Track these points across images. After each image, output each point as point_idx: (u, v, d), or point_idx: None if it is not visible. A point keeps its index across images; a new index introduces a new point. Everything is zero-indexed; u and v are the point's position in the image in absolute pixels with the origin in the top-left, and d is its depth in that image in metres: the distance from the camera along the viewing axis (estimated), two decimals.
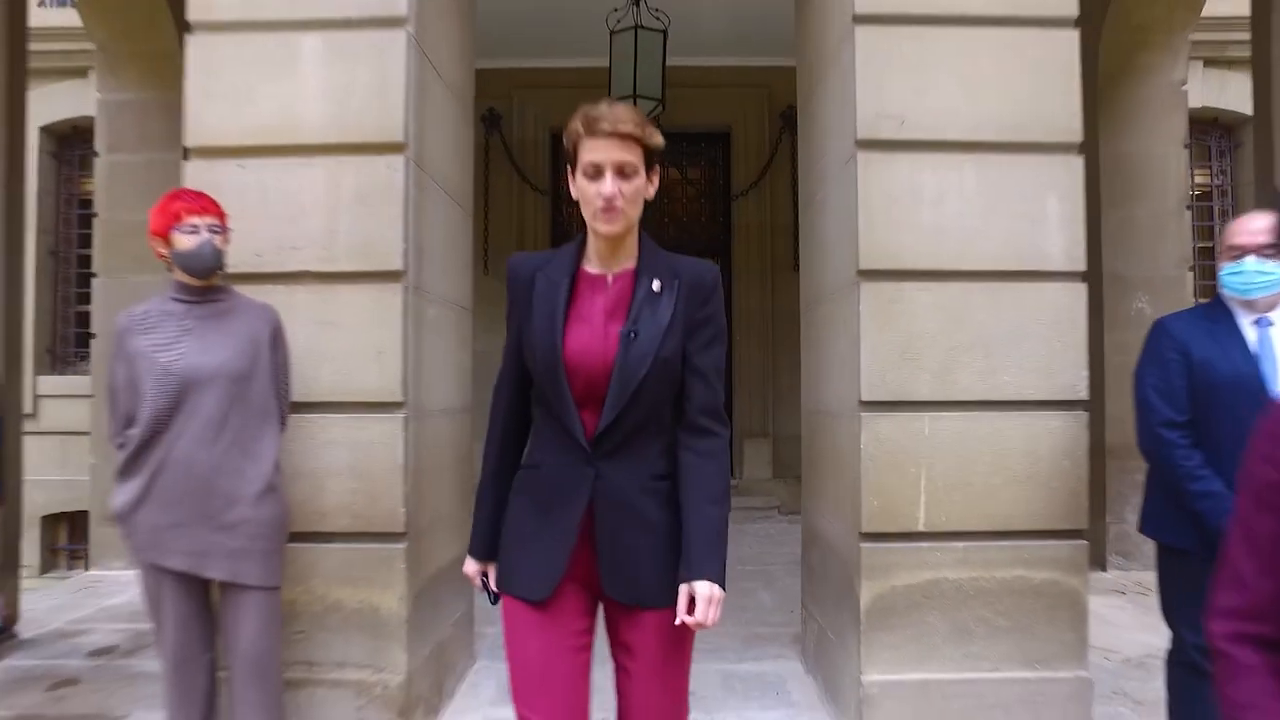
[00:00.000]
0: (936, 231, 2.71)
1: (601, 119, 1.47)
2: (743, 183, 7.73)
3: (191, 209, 2.31)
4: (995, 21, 2.75)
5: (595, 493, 1.52)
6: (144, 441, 2.23)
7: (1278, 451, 1.04)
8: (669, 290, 1.55)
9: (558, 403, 1.52)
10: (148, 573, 2.28)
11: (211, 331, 2.31)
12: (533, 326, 1.54)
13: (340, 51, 2.72)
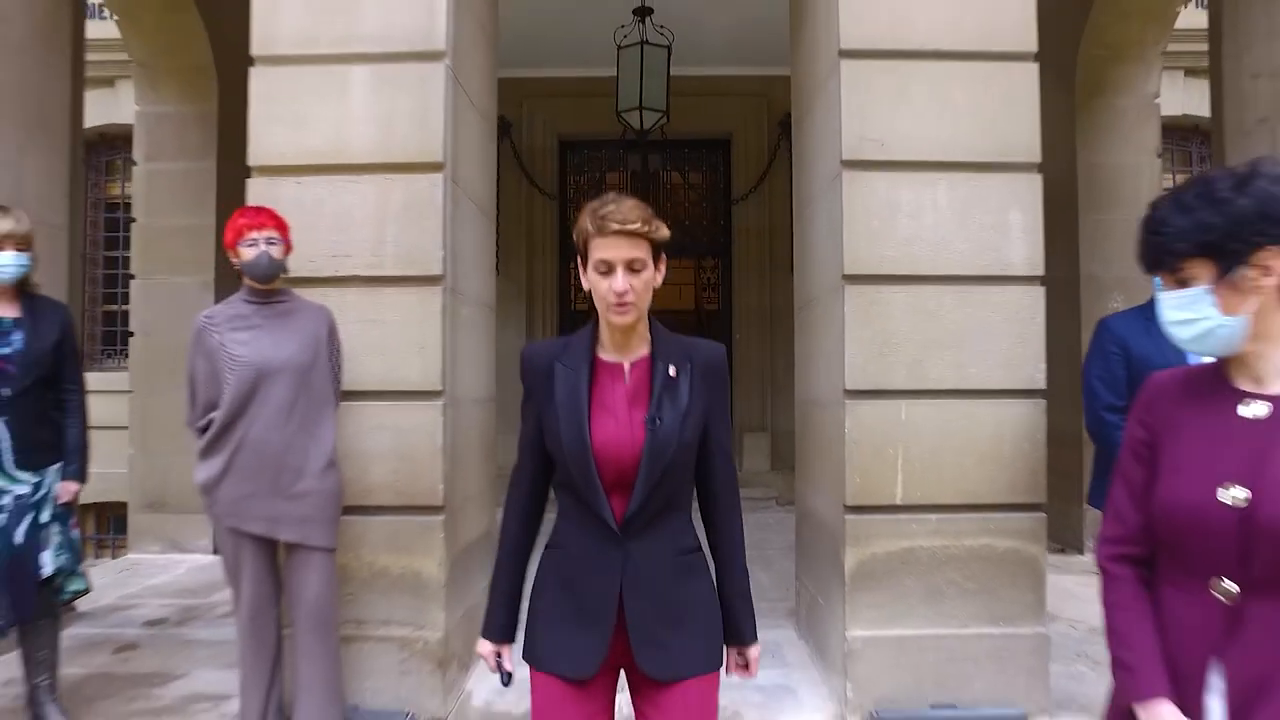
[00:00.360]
0: (912, 241, 3.08)
1: (610, 219, 1.52)
2: (743, 187, 8.12)
3: (251, 225, 2.69)
4: (964, 56, 3.12)
5: (625, 572, 1.57)
6: (224, 425, 2.61)
7: (1147, 415, 1.42)
8: (684, 374, 1.62)
9: (588, 490, 1.57)
10: (229, 536, 2.66)
11: (278, 329, 2.69)
12: (558, 418, 1.59)
13: (386, 82, 3.10)
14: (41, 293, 3.07)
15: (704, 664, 1.62)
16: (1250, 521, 1.24)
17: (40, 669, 2.96)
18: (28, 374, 2.85)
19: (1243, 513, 1.24)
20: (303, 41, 3.11)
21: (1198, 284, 1.29)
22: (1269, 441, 1.27)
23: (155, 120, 5.86)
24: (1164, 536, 1.35)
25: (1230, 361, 1.35)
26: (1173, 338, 1.35)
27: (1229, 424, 1.31)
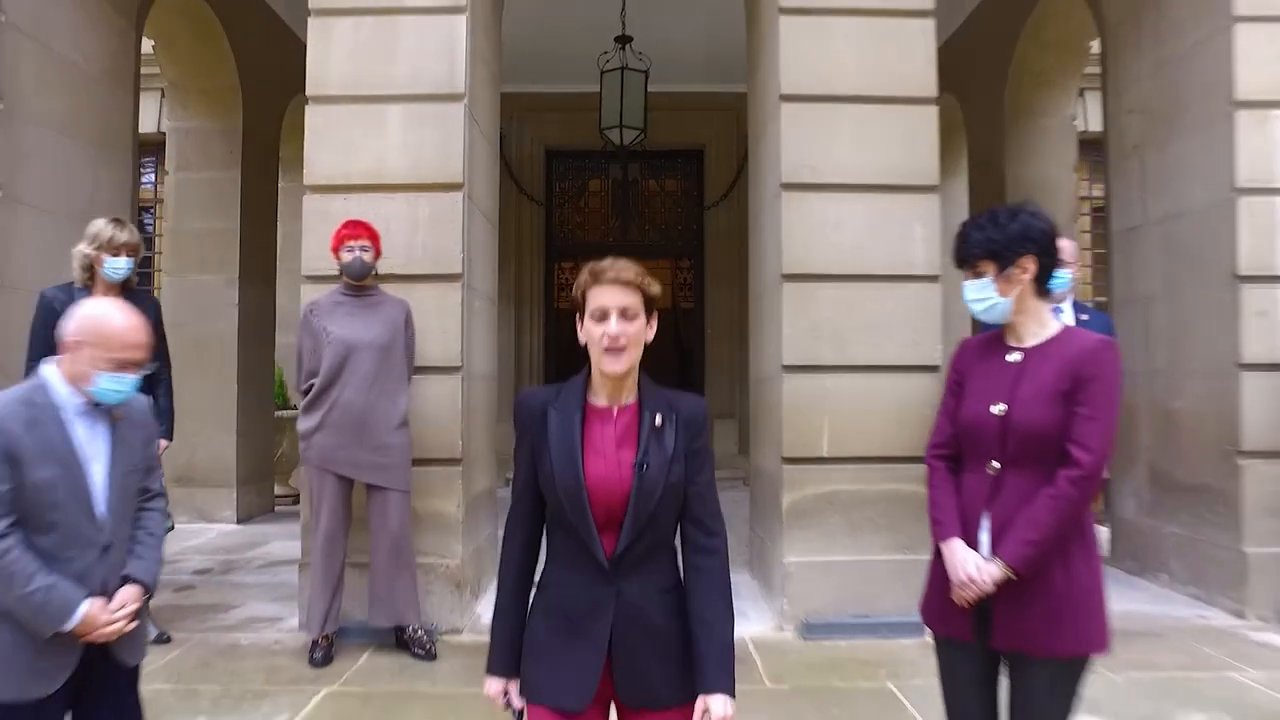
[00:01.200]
0: (837, 247, 3.92)
1: (606, 270, 1.64)
2: (714, 194, 8.97)
3: (350, 235, 3.52)
4: (879, 100, 3.97)
5: (617, 607, 1.64)
6: (321, 389, 3.42)
7: (958, 364, 2.26)
8: (669, 423, 1.70)
9: (581, 528, 1.64)
10: (317, 475, 3.45)
11: (367, 315, 3.50)
12: (552, 459, 1.66)
13: (416, 118, 3.90)
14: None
15: (679, 695, 1.68)
16: (1006, 423, 2.07)
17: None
18: None
19: (1002, 419, 2.08)
20: (349, 85, 3.91)
21: (986, 276, 2.13)
22: (1019, 375, 2.10)
23: (185, 134, 6.61)
24: (963, 438, 2.19)
25: (1006, 328, 2.19)
26: (970, 311, 2.18)
27: (1000, 366, 2.15)
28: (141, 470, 2.03)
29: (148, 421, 2.09)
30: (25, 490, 1.80)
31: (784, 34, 3.99)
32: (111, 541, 1.92)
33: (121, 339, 1.92)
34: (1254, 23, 4.08)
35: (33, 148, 4.16)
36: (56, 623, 1.82)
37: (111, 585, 1.93)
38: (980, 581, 1.98)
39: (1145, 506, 4.86)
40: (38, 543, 1.82)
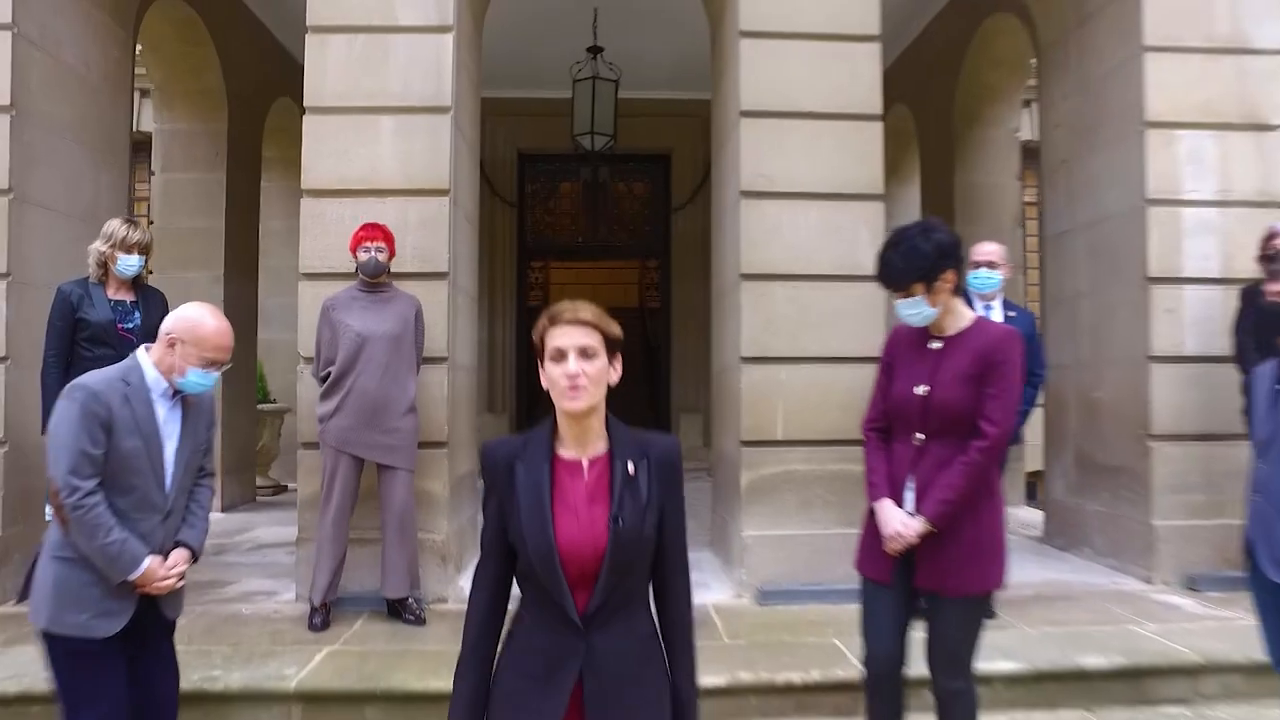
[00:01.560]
0: (790, 249, 4.35)
1: (564, 311, 1.61)
2: (681, 197, 9.39)
3: (367, 237, 3.88)
4: (829, 117, 4.40)
5: (586, 662, 1.60)
6: (338, 377, 3.77)
7: (890, 350, 2.68)
8: (642, 470, 1.66)
9: (553, 587, 1.60)
10: (331, 455, 3.79)
11: (380, 309, 3.85)
12: (521, 519, 1.62)
13: (406, 128, 4.26)
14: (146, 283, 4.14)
15: None
16: (928, 402, 2.50)
17: None
18: (144, 340, 3.93)
19: (924, 398, 2.51)
20: (344, 96, 4.26)
21: (916, 295, 2.54)
22: (939, 361, 2.53)
23: (171, 136, 6.88)
24: (893, 414, 2.61)
25: (931, 327, 2.60)
26: (903, 318, 2.60)
27: (923, 353, 2.58)
28: (201, 451, 2.39)
29: (211, 409, 2.46)
30: (113, 456, 2.16)
31: (743, 55, 4.41)
32: (172, 509, 2.30)
33: (213, 341, 2.29)
34: (1161, 52, 4.58)
35: (41, 152, 4.46)
36: (125, 572, 2.18)
37: (167, 547, 2.30)
38: (907, 534, 2.41)
39: (1072, 487, 5.36)
40: (115, 503, 2.19)
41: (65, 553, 2.21)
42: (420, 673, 3.31)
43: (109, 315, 3.84)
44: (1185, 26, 4.60)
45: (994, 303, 4.10)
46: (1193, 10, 4.61)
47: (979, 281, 4.01)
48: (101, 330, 3.81)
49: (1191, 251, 4.55)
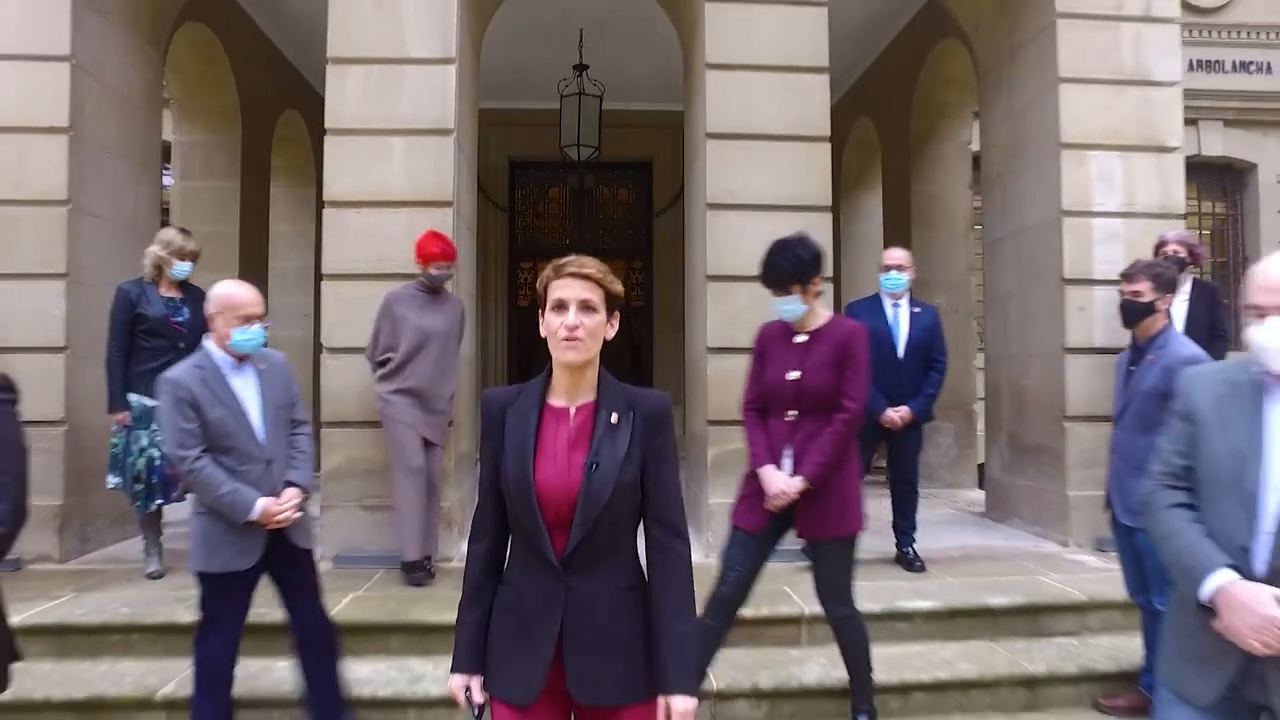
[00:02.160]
0: (750, 254, 4.98)
1: (568, 264, 1.68)
2: (662, 202, 10.08)
3: (440, 256, 4.51)
4: (785, 138, 5.09)
5: (566, 606, 1.67)
6: (399, 365, 4.40)
7: (761, 342, 3.35)
8: (626, 421, 1.71)
9: (531, 528, 1.68)
10: (400, 427, 4.39)
11: (436, 310, 4.51)
12: (505, 461, 1.71)
13: (415, 148, 4.93)
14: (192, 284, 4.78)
15: (643, 692, 1.71)
16: (799, 385, 3.16)
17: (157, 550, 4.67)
18: (193, 335, 4.54)
19: (796, 383, 3.17)
20: (360, 120, 4.93)
21: (794, 293, 3.19)
22: (806, 352, 3.19)
23: (189, 147, 7.51)
24: (768, 396, 3.26)
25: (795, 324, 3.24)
26: (779, 313, 3.24)
27: (791, 345, 3.24)
28: (287, 406, 3.04)
29: (285, 373, 3.09)
30: (207, 426, 2.83)
31: (710, 84, 5.11)
32: (272, 458, 2.94)
33: (239, 300, 2.92)
34: (1073, 83, 5.30)
35: (92, 167, 5.10)
36: (243, 515, 2.84)
37: (278, 488, 2.94)
38: (790, 492, 3.07)
39: (1005, 466, 6.08)
40: (222, 461, 2.85)
41: (202, 509, 2.88)
42: (436, 609, 3.97)
43: (163, 311, 4.49)
44: (1095, 61, 5.32)
45: (902, 300, 4.79)
46: (1101, 47, 5.33)
47: (889, 282, 4.71)
48: (157, 323, 4.46)
49: (1100, 257, 5.26)
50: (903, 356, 4.76)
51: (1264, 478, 1.80)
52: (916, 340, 4.76)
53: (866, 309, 4.81)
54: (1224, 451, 1.83)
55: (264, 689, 3.51)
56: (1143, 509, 2.00)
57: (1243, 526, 1.82)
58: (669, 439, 1.78)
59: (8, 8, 4.84)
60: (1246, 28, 10.38)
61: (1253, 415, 1.83)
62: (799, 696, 3.59)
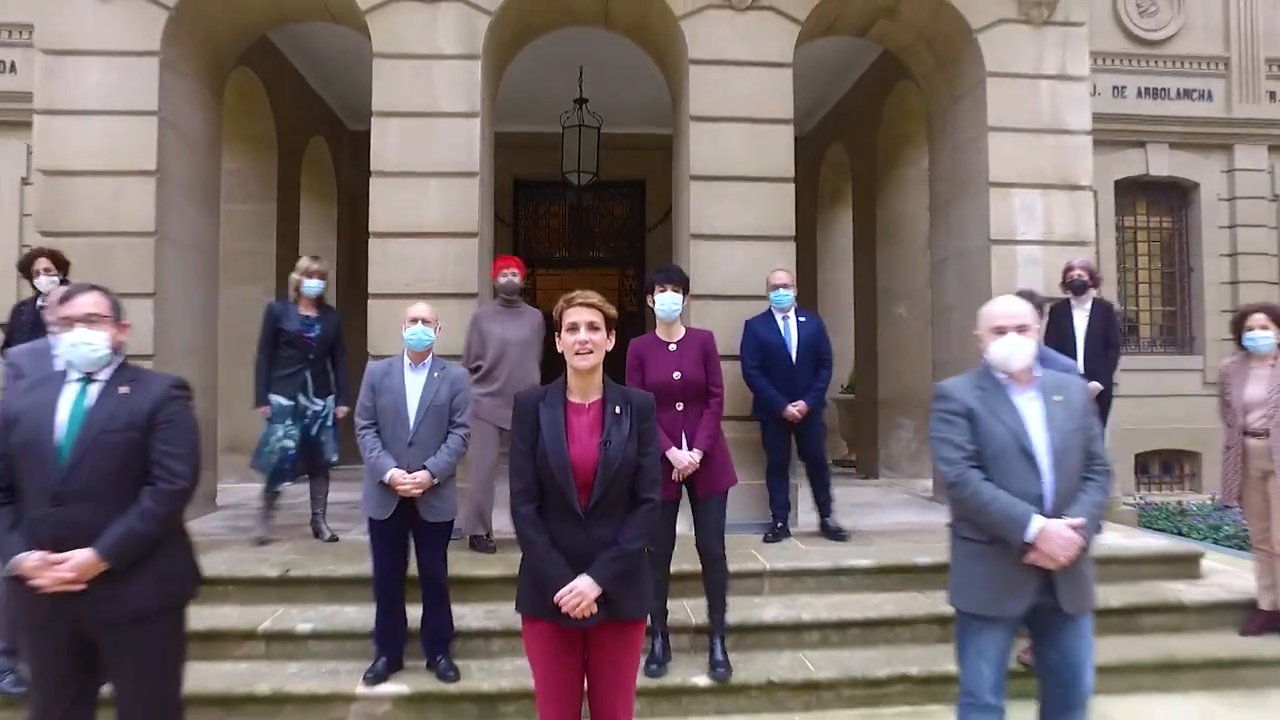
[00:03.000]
0: (727, 277, 6.08)
1: (577, 297, 2.46)
2: (653, 219, 11.12)
3: (504, 265, 5.50)
4: (755, 179, 6.15)
5: (587, 545, 2.46)
6: (488, 369, 5.35)
7: (637, 350, 4.42)
8: (625, 413, 2.48)
9: (566, 489, 2.43)
10: (484, 425, 5.26)
11: (514, 322, 5.45)
12: (545, 442, 2.44)
13: (446, 188, 5.96)
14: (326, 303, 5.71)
15: (636, 610, 2.55)
16: (683, 383, 4.24)
17: (318, 502, 5.73)
18: (321, 348, 5.51)
19: (680, 380, 4.24)
20: (401, 164, 5.96)
21: (678, 293, 4.34)
22: (680, 356, 4.28)
23: (229, 174, 8.47)
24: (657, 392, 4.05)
25: (662, 329, 4.37)
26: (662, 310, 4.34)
27: (666, 352, 4.31)
28: (445, 407, 4.06)
29: (454, 383, 4.12)
30: (377, 407, 3.92)
31: (693, 133, 6.16)
32: (414, 441, 3.96)
33: (408, 313, 4.10)
34: (1000, 131, 6.36)
35: (170, 202, 6.11)
36: (377, 476, 3.91)
37: (414, 467, 3.93)
38: (694, 462, 4.11)
39: None
40: (381, 435, 3.94)
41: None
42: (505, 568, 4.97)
43: (298, 327, 5.46)
44: (1018, 113, 6.39)
45: (789, 313, 5.67)
46: (1024, 100, 6.40)
47: (778, 298, 5.59)
48: (293, 337, 5.43)
49: (1023, 278, 6.32)
50: (795, 361, 5.57)
51: (1035, 445, 2.84)
52: (805, 345, 5.60)
53: (761, 323, 5.67)
54: (1003, 432, 2.86)
55: (341, 624, 4.53)
56: (957, 485, 2.88)
57: (1033, 480, 2.84)
58: (652, 426, 2.57)
59: (108, 72, 5.86)
60: (1189, 59, 11.41)
61: (1010, 405, 2.88)
62: (758, 630, 4.63)
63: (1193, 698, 4.35)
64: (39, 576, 2.52)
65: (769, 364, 5.51)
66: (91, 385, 2.74)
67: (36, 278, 5.14)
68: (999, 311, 2.97)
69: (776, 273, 5.69)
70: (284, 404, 5.43)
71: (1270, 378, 4.66)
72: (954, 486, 2.91)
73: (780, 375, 5.47)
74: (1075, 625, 2.89)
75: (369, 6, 6.03)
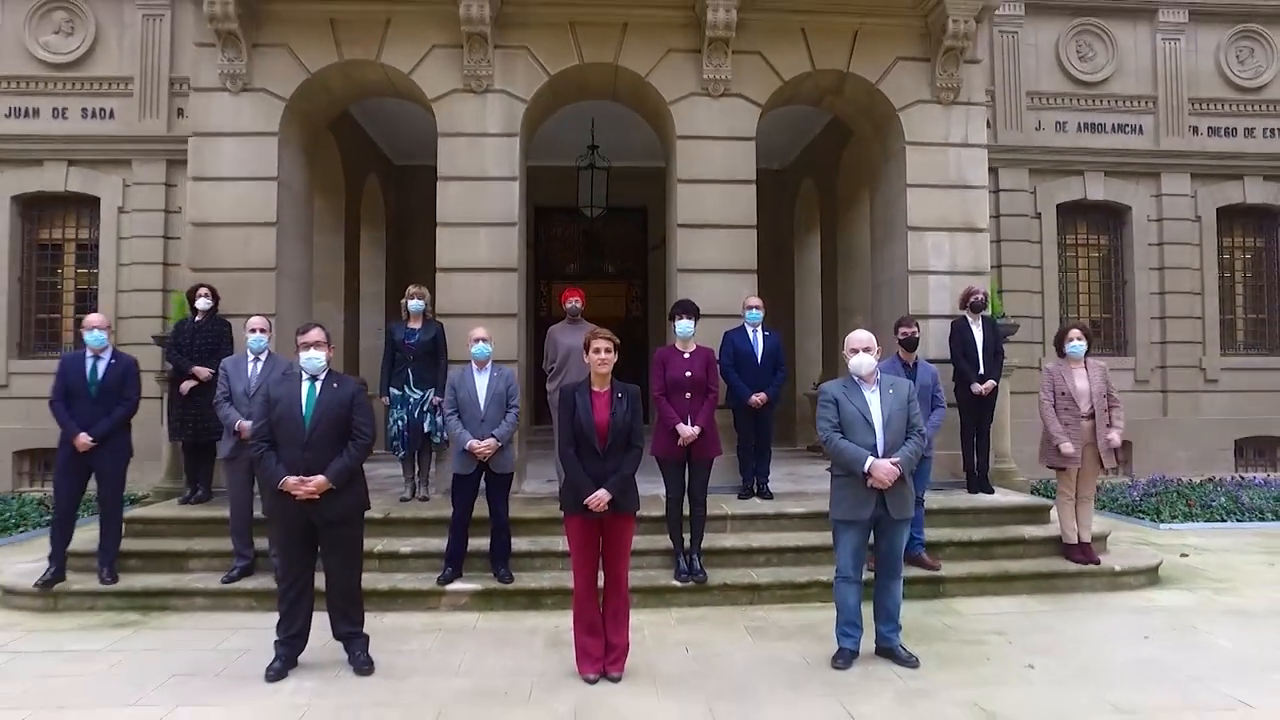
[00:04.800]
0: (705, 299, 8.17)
1: (600, 332, 4.83)
2: (654, 240, 13.27)
3: (571, 294, 7.71)
4: (727, 226, 8.30)
5: (605, 469, 4.65)
6: (558, 369, 7.53)
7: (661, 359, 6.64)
8: (626, 397, 4.77)
9: (592, 439, 4.67)
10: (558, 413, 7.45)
11: (575, 334, 7.46)
12: (580, 414, 4.69)
13: (494, 234, 8.14)
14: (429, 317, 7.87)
15: (630, 506, 4.74)
16: (692, 380, 6.44)
17: (424, 475, 7.83)
18: (420, 351, 7.57)
19: (691, 378, 6.44)
20: (459, 216, 8.13)
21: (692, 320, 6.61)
22: (691, 362, 6.51)
23: None
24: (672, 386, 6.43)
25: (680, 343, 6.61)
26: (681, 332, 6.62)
27: (681, 359, 6.52)
28: (504, 395, 6.25)
29: (508, 380, 6.34)
30: (458, 399, 6.12)
31: (679, 192, 8.32)
32: (485, 419, 6.14)
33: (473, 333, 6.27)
34: (917, 187, 8.50)
35: (284, 245, 8.29)
36: (460, 446, 6.08)
37: (484, 438, 6.09)
38: (694, 433, 6.25)
39: None
40: (462, 418, 6.14)
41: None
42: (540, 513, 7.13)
43: (402, 336, 7.54)
44: (931, 173, 8.53)
45: (758, 328, 7.75)
46: (935, 163, 8.53)
47: (751, 315, 7.66)
48: (400, 345, 7.52)
49: (934, 300, 8.46)
50: (760, 364, 7.48)
51: (873, 417, 4.97)
52: (768, 353, 7.56)
53: (737, 334, 7.68)
54: (854, 410, 5.00)
55: (431, 549, 6.69)
56: (828, 442, 5.02)
57: (870, 437, 4.98)
58: (638, 406, 4.81)
59: (240, 148, 8.06)
60: (1123, 97, 13.47)
61: (861, 394, 5.02)
62: (721, 553, 6.76)
63: (1018, 598, 6.48)
64: (295, 491, 4.70)
65: (740, 365, 7.62)
66: (316, 382, 4.93)
67: (195, 301, 7.36)
68: (855, 339, 5.12)
69: (750, 297, 7.83)
70: (394, 394, 7.55)
71: (1086, 375, 6.79)
72: (826, 443, 5.05)
73: (748, 374, 7.57)
74: (897, 527, 5.03)
75: (434, 96, 8.20)
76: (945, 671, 4.92)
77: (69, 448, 6.24)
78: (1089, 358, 6.93)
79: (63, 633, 5.72)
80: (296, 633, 4.95)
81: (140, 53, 11.96)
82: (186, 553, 6.68)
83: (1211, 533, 9.15)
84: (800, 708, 4.43)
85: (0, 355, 11.95)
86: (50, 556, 6.38)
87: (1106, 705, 4.42)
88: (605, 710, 4.38)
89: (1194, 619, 5.95)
